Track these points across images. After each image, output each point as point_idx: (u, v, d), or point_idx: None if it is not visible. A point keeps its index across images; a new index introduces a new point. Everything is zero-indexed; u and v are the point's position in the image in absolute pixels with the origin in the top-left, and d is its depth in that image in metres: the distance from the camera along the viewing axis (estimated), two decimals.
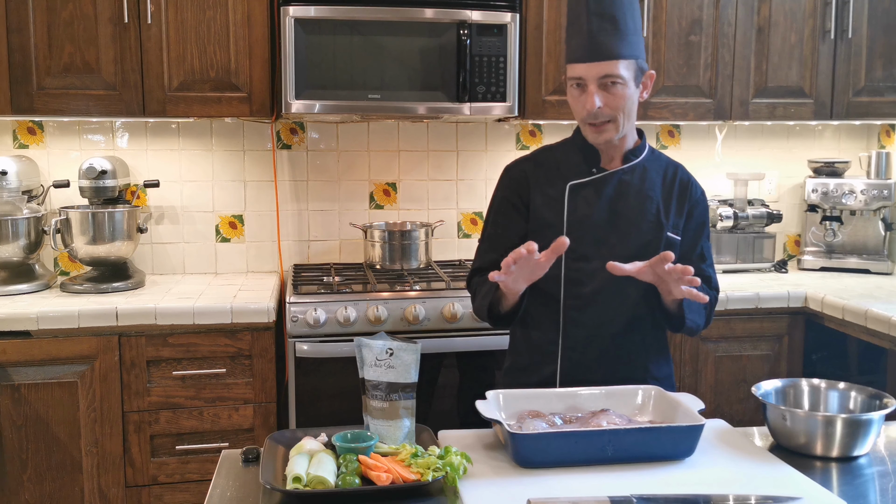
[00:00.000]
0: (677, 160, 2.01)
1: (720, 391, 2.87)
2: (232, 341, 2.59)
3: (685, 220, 1.93)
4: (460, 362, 2.73)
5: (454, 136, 3.32)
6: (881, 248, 3.29)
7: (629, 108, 1.83)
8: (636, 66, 1.82)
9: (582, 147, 1.93)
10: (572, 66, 1.83)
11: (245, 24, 2.76)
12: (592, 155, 1.92)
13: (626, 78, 1.80)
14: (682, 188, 1.94)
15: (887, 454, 1.58)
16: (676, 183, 1.94)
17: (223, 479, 1.44)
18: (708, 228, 2.00)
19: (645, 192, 1.90)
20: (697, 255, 1.94)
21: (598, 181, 1.90)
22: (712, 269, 1.98)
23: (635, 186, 1.90)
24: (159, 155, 3.13)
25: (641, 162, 1.92)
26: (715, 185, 3.46)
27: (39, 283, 2.83)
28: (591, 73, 1.79)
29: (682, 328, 1.87)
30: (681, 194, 1.93)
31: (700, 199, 1.96)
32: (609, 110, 1.81)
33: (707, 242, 1.98)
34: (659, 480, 1.39)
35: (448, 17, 2.76)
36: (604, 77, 1.79)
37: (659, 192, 1.91)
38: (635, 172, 1.91)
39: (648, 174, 1.92)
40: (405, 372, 1.52)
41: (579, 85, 1.83)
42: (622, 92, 1.80)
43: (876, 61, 3.14)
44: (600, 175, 1.90)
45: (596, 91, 1.80)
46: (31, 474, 2.52)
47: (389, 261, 3.02)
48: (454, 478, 1.36)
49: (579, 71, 1.81)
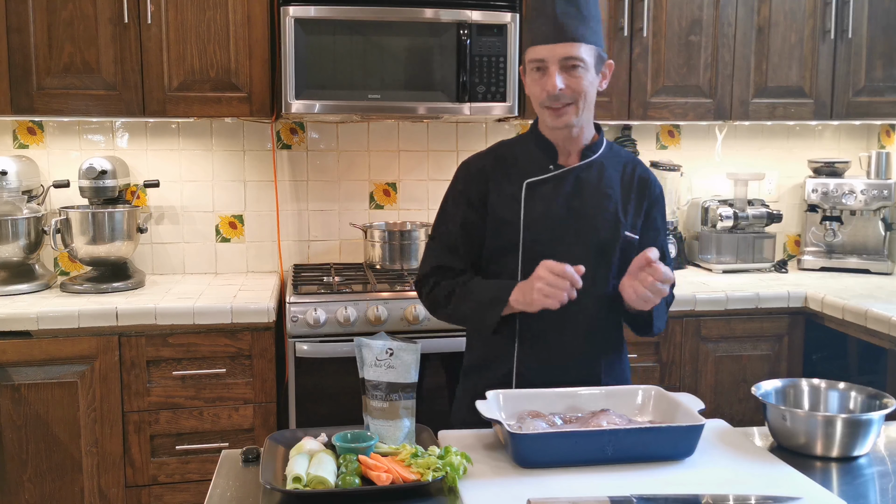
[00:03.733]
0: (678, 160, 2.01)
1: (720, 391, 2.87)
2: (232, 341, 2.59)
3: (644, 219, 1.92)
4: (460, 362, 2.72)
5: (454, 136, 3.32)
6: (881, 248, 3.29)
7: (590, 93, 1.83)
8: (596, 53, 1.82)
9: (539, 143, 1.91)
10: (534, 48, 1.82)
11: (245, 24, 2.76)
12: (550, 151, 1.90)
13: (587, 62, 1.79)
14: (640, 185, 1.92)
15: (887, 454, 1.58)
16: (635, 180, 1.92)
17: (223, 479, 1.44)
18: (666, 226, 1.99)
19: (603, 190, 1.88)
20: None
21: (556, 178, 1.88)
22: (671, 267, 1.97)
23: (593, 183, 1.88)
24: (159, 155, 3.14)
25: (599, 158, 1.91)
26: (715, 185, 3.47)
27: (39, 283, 2.83)
28: (553, 54, 1.78)
29: (650, 333, 1.88)
30: (639, 192, 1.92)
31: (659, 196, 1.95)
32: (570, 92, 1.79)
33: (666, 240, 1.97)
34: (659, 480, 1.39)
35: (448, 17, 2.76)
36: (566, 59, 1.78)
37: (618, 189, 1.90)
38: (593, 169, 1.89)
39: (606, 171, 1.90)
40: (405, 372, 1.52)
41: (540, 68, 1.82)
42: (583, 75, 1.79)
43: (876, 61, 3.14)
44: (557, 172, 1.88)
45: (557, 72, 1.79)
46: (31, 474, 2.52)
47: (389, 261, 3.02)
48: (454, 478, 1.36)
49: (541, 53, 1.80)
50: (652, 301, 1.73)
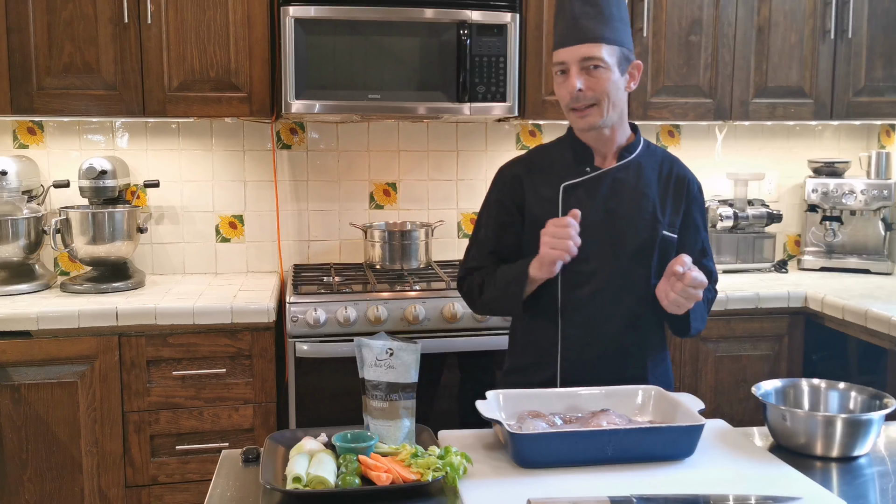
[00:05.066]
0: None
1: (720, 391, 2.87)
2: (232, 341, 2.59)
3: (683, 217, 1.92)
4: (460, 362, 2.73)
5: (454, 136, 3.32)
6: (881, 248, 3.29)
7: (614, 94, 1.82)
8: (620, 53, 1.81)
9: (575, 146, 1.92)
10: (556, 52, 1.83)
11: (245, 24, 2.76)
12: (585, 154, 1.91)
13: (608, 62, 1.79)
14: (678, 184, 1.92)
15: (887, 454, 1.58)
16: (673, 179, 1.92)
17: (223, 479, 1.44)
18: (707, 222, 1.99)
19: (640, 190, 1.88)
20: (699, 250, 1.94)
21: (592, 181, 1.88)
22: (713, 262, 1.98)
23: (630, 184, 1.89)
24: (159, 155, 3.14)
25: (636, 158, 1.91)
26: (715, 185, 3.46)
27: (39, 283, 2.83)
28: (572, 56, 1.79)
29: (687, 334, 1.88)
30: (677, 191, 1.92)
31: (697, 194, 1.96)
32: (591, 93, 1.79)
33: (706, 235, 1.98)
34: (659, 480, 1.39)
35: (448, 17, 2.75)
36: (585, 60, 1.78)
37: (655, 188, 1.90)
38: (630, 170, 1.90)
39: (644, 171, 1.90)
40: (405, 372, 1.52)
41: (563, 71, 1.82)
42: (604, 76, 1.79)
43: (876, 61, 3.14)
44: (593, 174, 1.89)
45: (577, 74, 1.79)
46: (31, 474, 2.52)
47: (389, 261, 3.02)
48: (454, 478, 1.36)
49: (562, 56, 1.81)
50: (685, 305, 1.75)
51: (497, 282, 1.89)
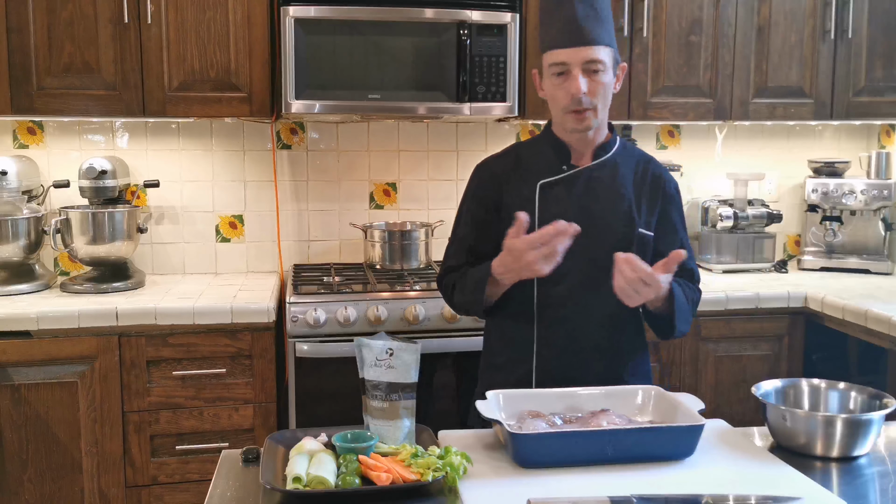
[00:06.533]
0: (678, 160, 2.01)
1: (720, 391, 2.87)
2: (232, 341, 2.59)
3: (659, 217, 1.92)
4: (460, 362, 2.73)
5: (454, 136, 3.32)
6: (881, 248, 3.29)
7: (608, 96, 1.83)
8: (613, 55, 1.82)
9: (552, 144, 1.92)
10: (554, 52, 1.81)
11: (245, 24, 2.76)
12: (563, 152, 1.90)
13: (607, 64, 1.80)
14: (654, 183, 1.92)
15: (887, 454, 1.58)
16: (648, 178, 1.92)
17: (223, 480, 1.44)
18: (684, 220, 1.98)
19: (616, 189, 1.88)
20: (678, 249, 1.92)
21: (569, 179, 1.88)
22: (693, 261, 1.96)
23: (606, 183, 1.89)
24: (159, 155, 3.14)
25: (612, 157, 1.91)
26: (715, 185, 3.46)
27: (39, 283, 2.83)
28: (575, 57, 1.78)
29: (671, 335, 1.87)
30: (652, 190, 1.92)
31: (674, 193, 1.95)
32: (593, 96, 1.80)
33: (685, 234, 1.97)
34: (659, 480, 1.39)
35: (448, 17, 2.76)
36: (588, 62, 1.78)
37: (631, 187, 1.89)
38: (606, 168, 1.90)
39: (620, 169, 1.90)
40: (405, 372, 1.52)
41: (561, 73, 1.81)
42: (603, 79, 1.80)
43: (876, 61, 3.14)
44: (570, 173, 1.89)
45: (581, 76, 1.79)
46: (31, 474, 2.52)
47: (389, 261, 3.02)
48: (454, 478, 1.36)
49: (562, 56, 1.79)
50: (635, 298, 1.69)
51: (466, 286, 1.90)
